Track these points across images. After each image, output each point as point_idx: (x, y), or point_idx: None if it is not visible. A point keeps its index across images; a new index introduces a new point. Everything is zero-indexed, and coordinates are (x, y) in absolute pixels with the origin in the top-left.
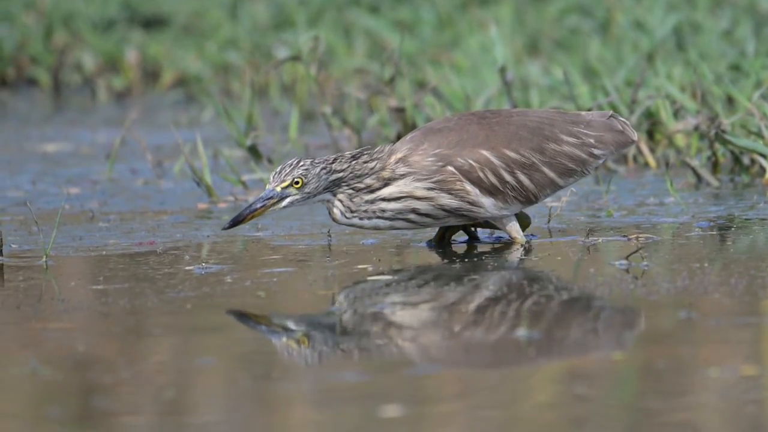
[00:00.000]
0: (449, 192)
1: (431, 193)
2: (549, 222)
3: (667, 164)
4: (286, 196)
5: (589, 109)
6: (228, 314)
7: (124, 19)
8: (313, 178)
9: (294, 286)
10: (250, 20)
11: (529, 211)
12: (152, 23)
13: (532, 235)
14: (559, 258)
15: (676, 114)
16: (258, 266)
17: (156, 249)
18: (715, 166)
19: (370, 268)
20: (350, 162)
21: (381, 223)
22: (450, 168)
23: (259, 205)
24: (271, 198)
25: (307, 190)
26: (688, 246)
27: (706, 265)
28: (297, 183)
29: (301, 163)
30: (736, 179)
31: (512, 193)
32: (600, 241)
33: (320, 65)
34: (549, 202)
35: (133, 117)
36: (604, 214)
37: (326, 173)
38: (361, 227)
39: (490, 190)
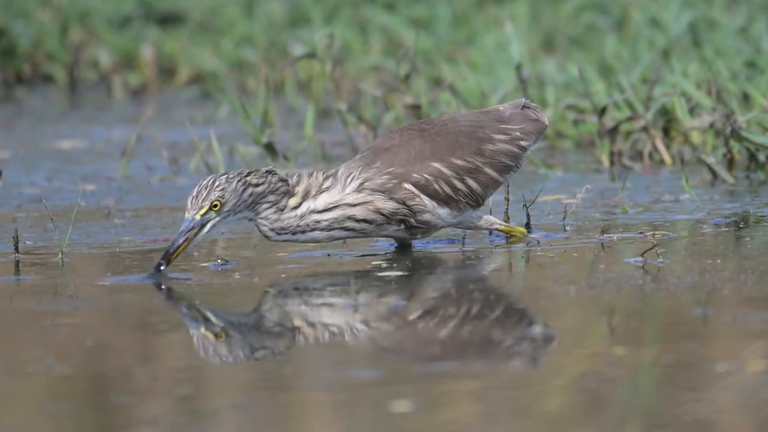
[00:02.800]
0: (393, 199)
1: (361, 198)
2: (564, 219)
3: (682, 161)
4: (207, 222)
5: (604, 108)
6: (241, 310)
7: (139, 16)
8: (231, 195)
9: (306, 282)
10: (265, 17)
11: (545, 208)
12: (168, 20)
13: (541, 233)
14: (579, 254)
15: (692, 111)
16: (273, 263)
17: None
18: (730, 163)
19: (384, 264)
20: (266, 176)
21: (318, 234)
22: (406, 185)
23: (181, 241)
24: (192, 229)
25: (226, 208)
26: (703, 243)
27: (721, 262)
28: (215, 206)
29: (216, 183)
30: (751, 176)
31: (464, 199)
32: (615, 238)
33: (336, 62)
34: (564, 199)
35: (148, 114)
36: (619, 212)
37: (242, 185)
38: (295, 242)
39: (445, 200)
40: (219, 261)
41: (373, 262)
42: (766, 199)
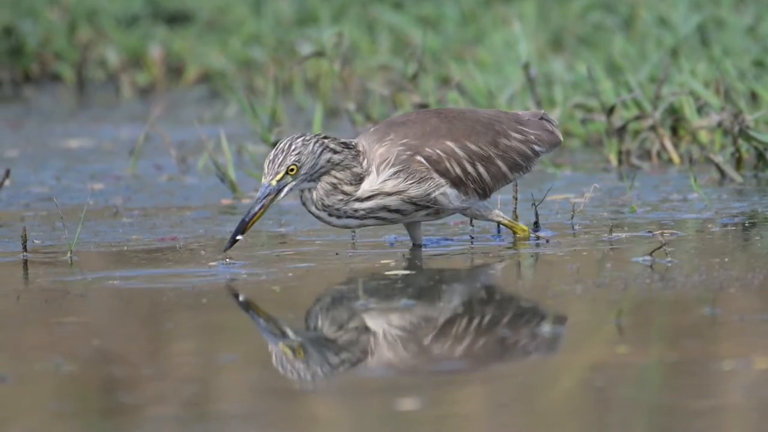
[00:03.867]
0: (418, 181)
1: (399, 185)
2: (573, 218)
3: (690, 160)
4: (284, 186)
5: (612, 107)
6: (249, 310)
7: (147, 15)
8: (307, 158)
9: (315, 281)
10: (273, 16)
11: (551, 207)
12: (176, 19)
13: (546, 231)
14: (587, 253)
15: (700, 110)
16: (281, 262)
17: (177, 245)
18: (738, 162)
19: (398, 263)
20: (343, 148)
21: (351, 222)
22: (418, 158)
23: (257, 209)
24: (268, 195)
25: (303, 171)
26: (711, 242)
27: (729, 261)
28: (292, 170)
29: (292, 147)
30: (759, 175)
31: (473, 185)
32: (623, 237)
33: (344, 61)
34: (573, 198)
35: (156, 113)
36: (627, 210)
37: (320, 147)
38: (328, 223)
39: (454, 182)
40: (227, 261)
41: (381, 261)
42: None
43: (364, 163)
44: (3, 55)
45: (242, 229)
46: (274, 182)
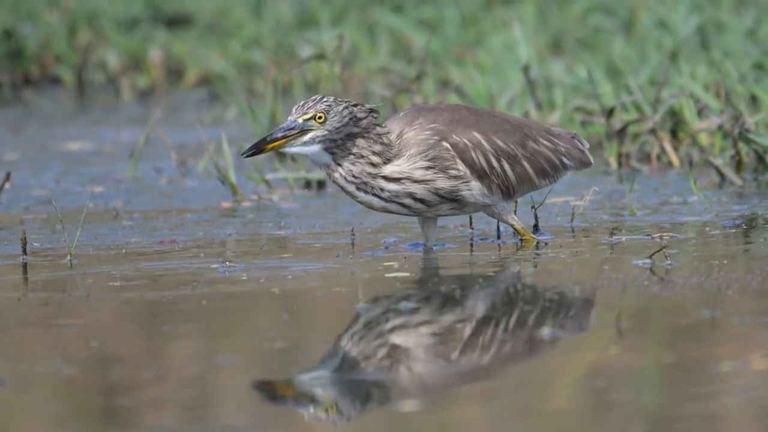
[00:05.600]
0: (444, 170)
1: (428, 174)
2: (572, 220)
3: (690, 163)
4: (308, 130)
5: (611, 110)
6: (248, 313)
7: (148, 18)
8: (335, 116)
9: (315, 284)
10: (273, 19)
11: (552, 210)
12: (176, 22)
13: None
14: (587, 256)
15: (700, 113)
16: (281, 264)
17: (175, 247)
18: (738, 165)
19: (399, 265)
20: (368, 114)
21: (375, 201)
22: (445, 144)
23: (279, 135)
24: (292, 129)
25: (328, 126)
26: (711, 245)
27: (729, 264)
28: (320, 117)
29: (325, 99)
30: (759, 178)
31: (497, 180)
32: (623, 239)
33: (344, 64)
34: (573, 201)
35: (157, 116)
36: (627, 213)
37: (349, 114)
38: (354, 197)
39: (479, 174)
40: (227, 263)
41: (383, 263)
42: None
43: (395, 144)
44: (3, 58)
45: (260, 147)
46: (300, 120)
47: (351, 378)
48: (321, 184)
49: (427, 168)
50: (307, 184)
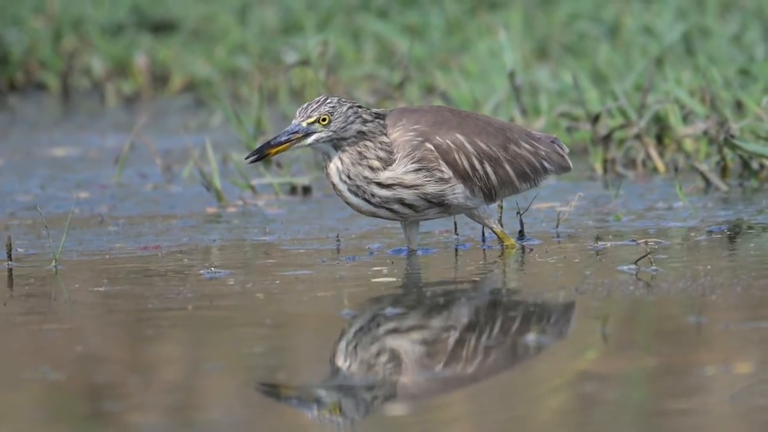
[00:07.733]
0: (430, 172)
1: (418, 179)
2: (558, 226)
3: (675, 169)
4: (312, 133)
5: (597, 116)
6: (234, 318)
7: (133, 24)
8: (339, 116)
9: (300, 289)
10: (259, 25)
11: (536, 216)
12: (161, 28)
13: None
14: (572, 262)
15: (685, 118)
16: (266, 269)
17: (159, 253)
18: (723, 171)
19: (385, 270)
20: (375, 119)
21: (364, 205)
22: (428, 145)
23: (283, 139)
24: (296, 132)
25: (332, 128)
26: (697, 250)
27: (714, 269)
28: (324, 120)
29: (328, 101)
30: (744, 184)
31: (479, 183)
32: (609, 245)
33: (329, 70)
34: (558, 206)
35: (142, 121)
36: (612, 219)
37: (354, 114)
38: (343, 198)
39: (462, 176)
40: (212, 269)
41: (370, 269)
42: (759, 206)
43: (394, 151)
44: None
45: (264, 152)
46: (304, 124)
47: (337, 383)
48: (306, 190)
49: (417, 171)
50: (293, 190)
